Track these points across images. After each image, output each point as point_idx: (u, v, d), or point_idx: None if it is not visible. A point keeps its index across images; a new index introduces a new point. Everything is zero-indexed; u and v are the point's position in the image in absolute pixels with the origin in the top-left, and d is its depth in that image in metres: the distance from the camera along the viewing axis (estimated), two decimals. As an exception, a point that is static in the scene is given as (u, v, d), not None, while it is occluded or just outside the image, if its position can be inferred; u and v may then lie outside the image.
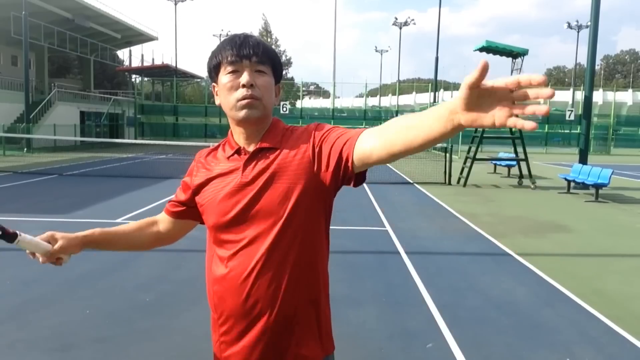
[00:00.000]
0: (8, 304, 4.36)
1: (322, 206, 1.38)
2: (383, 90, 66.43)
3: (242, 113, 1.35)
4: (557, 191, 13.15)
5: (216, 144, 1.53)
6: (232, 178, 1.38)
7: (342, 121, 36.50)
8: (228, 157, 1.43)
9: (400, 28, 51.15)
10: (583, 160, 13.99)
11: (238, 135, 1.43)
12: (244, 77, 1.35)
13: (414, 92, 56.90)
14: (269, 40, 53.86)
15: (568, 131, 37.17)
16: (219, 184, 1.40)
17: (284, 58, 56.33)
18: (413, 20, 48.08)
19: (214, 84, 1.46)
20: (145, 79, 43.25)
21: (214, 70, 1.42)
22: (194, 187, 1.47)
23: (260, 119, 1.38)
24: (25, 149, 23.31)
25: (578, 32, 47.21)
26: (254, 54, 1.37)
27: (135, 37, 40.53)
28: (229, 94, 1.37)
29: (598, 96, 46.56)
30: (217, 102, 1.47)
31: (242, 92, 1.35)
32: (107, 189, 11.73)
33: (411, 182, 14.25)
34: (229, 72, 1.37)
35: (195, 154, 1.64)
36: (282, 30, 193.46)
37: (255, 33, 58.79)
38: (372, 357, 3.57)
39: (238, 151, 1.41)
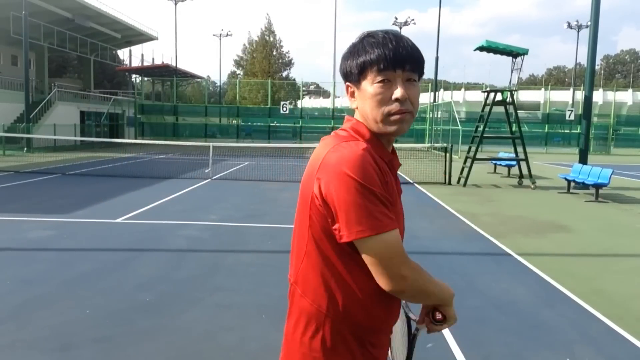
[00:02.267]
0: (8, 304, 4.36)
1: None
2: (383, 90, 66.22)
3: (393, 128, 1.27)
4: (557, 191, 13.15)
5: (349, 138, 1.31)
6: (394, 188, 1.33)
7: (342, 121, 36.45)
8: (385, 163, 1.32)
9: (400, 28, 51.01)
10: (583, 160, 13.99)
11: (382, 141, 1.36)
12: (399, 92, 1.25)
13: (414, 92, 56.79)
14: (272, 40, 53.80)
15: (568, 131, 37.20)
16: (393, 193, 1.30)
17: (286, 59, 56.23)
18: (413, 20, 47.87)
19: (348, 84, 1.34)
20: (145, 78, 43.26)
21: (358, 73, 1.29)
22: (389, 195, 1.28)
23: (408, 130, 1.37)
24: (25, 149, 23.30)
25: (578, 32, 47.18)
26: (408, 62, 1.25)
27: (135, 36, 40.54)
28: (379, 106, 1.26)
29: (598, 96, 46.51)
30: (352, 106, 1.34)
31: (396, 106, 1.25)
32: (107, 189, 11.73)
33: (411, 182, 14.24)
34: (379, 82, 1.26)
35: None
36: (282, 30, 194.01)
37: (258, 32, 58.79)
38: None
39: (390, 160, 1.36)
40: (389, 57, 1.23)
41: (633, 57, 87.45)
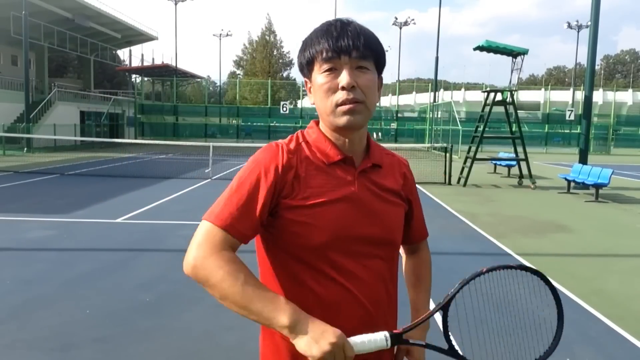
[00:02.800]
0: (8, 304, 4.36)
1: None
2: (383, 90, 66.26)
3: (344, 120, 1.17)
4: (557, 191, 13.15)
5: (286, 141, 1.25)
6: (346, 191, 1.20)
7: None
8: (331, 164, 1.21)
9: (401, 28, 51.13)
10: (583, 160, 13.99)
11: (337, 140, 1.23)
12: (344, 78, 1.15)
13: (414, 92, 56.88)
14: (272, 40, 53.81)
15: (568, 131, 37.21)
16: (330, 195, 1.18)
17: (287, 59, 56.23)
18: (413, 20, 47.96)
19: (306, 80, 1.27)
20: (145, 78, 43.26)
21: (306, 66, 1.22)
22: (290, 197, 1.17)
23: (363, 124, 1.22)
24: (25, 149, 23.30)
25: (578, 32, 47.18)
26: (354, 47, 1.15)
27: (135, 36, 40.55)
28: (326, 96, 1.18)
29: (598, 96, 46.51)
30: (310, 101, 1.26)
31: (342, 95, 1.16)
32: (107, 189, 11.73)
33: (411, 182, 14.24)
34: (325, 71, 1.18)
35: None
36: (282, 30, 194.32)
37: (258, 32, 58.83)
38: (372, 357, 3.56)
39: (344, 160, 1.22)
40: (332, 44, 1.15)
41: (633, 57, 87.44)
